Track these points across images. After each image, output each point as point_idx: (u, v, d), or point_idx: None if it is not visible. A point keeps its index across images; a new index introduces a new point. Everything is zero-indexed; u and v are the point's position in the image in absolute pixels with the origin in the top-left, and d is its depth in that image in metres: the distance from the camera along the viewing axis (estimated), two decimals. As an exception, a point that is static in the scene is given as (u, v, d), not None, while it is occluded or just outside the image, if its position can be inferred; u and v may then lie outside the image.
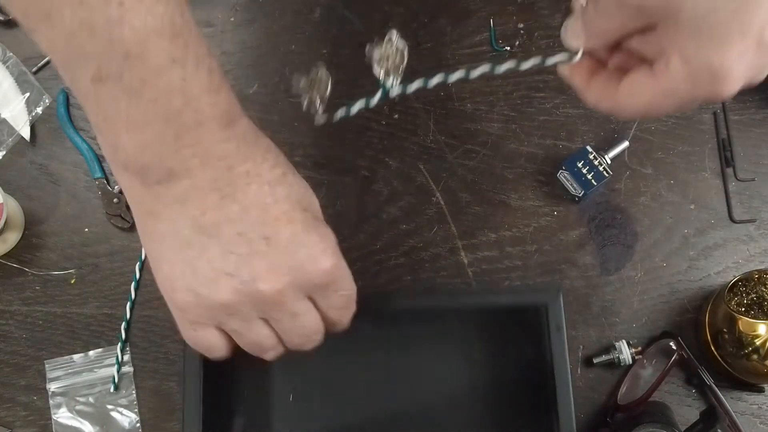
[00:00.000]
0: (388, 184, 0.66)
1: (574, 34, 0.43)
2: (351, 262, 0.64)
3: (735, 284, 0.59)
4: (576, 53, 0.43)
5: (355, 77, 0.68)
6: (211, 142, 0.39)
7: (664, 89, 0.39)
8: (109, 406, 0.63)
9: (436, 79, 0.49)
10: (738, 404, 0.62)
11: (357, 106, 0.50)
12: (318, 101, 0.51)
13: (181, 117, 0.37)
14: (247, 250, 0.40)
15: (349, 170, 0.66)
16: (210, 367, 0.55)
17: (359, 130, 0.67)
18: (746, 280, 0.60)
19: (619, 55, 0.43)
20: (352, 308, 0.46)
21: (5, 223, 0.62)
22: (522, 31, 0.68)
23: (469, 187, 0.66)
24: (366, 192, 0.66)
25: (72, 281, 0.65)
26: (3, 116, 0.67)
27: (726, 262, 0.64)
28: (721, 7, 0.36)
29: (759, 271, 0.60)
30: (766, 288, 0.59)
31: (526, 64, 0.46)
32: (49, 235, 0.66)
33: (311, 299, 0.43)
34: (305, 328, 0.44)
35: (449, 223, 0.65)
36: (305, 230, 0.42)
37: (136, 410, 0.63)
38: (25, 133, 0.67)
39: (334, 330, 0.46)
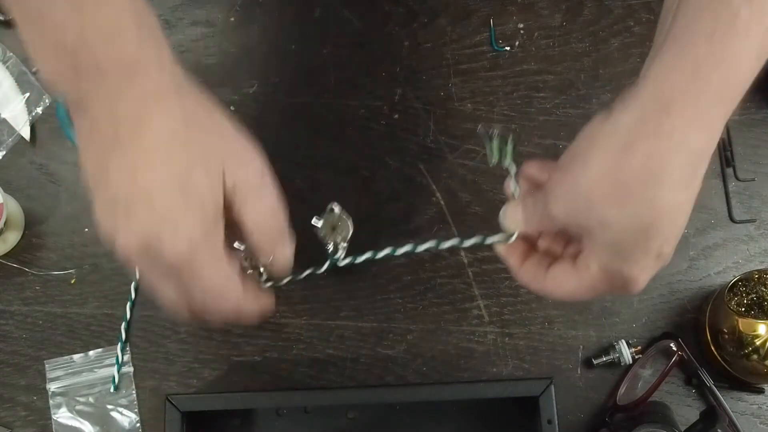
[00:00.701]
0: (388, 184, 0.66)
1: (511, 219, 0.49)
2: (351, 262, 0.64)
3: (735, 284, 0.59)
4: (512, 235, 0.49)
5: (356, 77, 0.68)
6: (107, 90, 0.40)
7: (585, 285, 0.46)
8: (109, 406, 0.63)
9: (384, 252, 0.53)
10: (738, 404, 0.62)
11: (306, 273, 0.53)
12: (341, 244, 0.54)
13: (77, 56, 0.39)
14: (112, 210, 0.42)
15: (349, 170, 0.66)
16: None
17: (359, 130, 0.67)
18: (746, 280, 0.60)
19: (547, 238, 0.49)
20: (219, 310, 0.46)
21: (5, 223, 0.62)
22: (522, 31, 0.68)
23: (469, 187, 0.66)
24: (366, 192, 0.66)
25: (72, 281, 0.65)
26: (3, 116, 0.67)
27: (726, 262, 0.64)
28: (625, 238, 0.43)
29: (759, 271, 0.60)
30: (766, 288, 0.59)
31: (468, 242, 0.50)
32: (49, 235, 0.66)
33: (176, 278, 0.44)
34: (162, 299, 0.45)
35: (449, 223, 0.65)
36: (169, 208, 0.42)
37: (136, 410, 0.63)
38: (25, 133, 0.67)
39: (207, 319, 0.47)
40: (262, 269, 0.50)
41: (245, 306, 0.47)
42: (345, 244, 0.56)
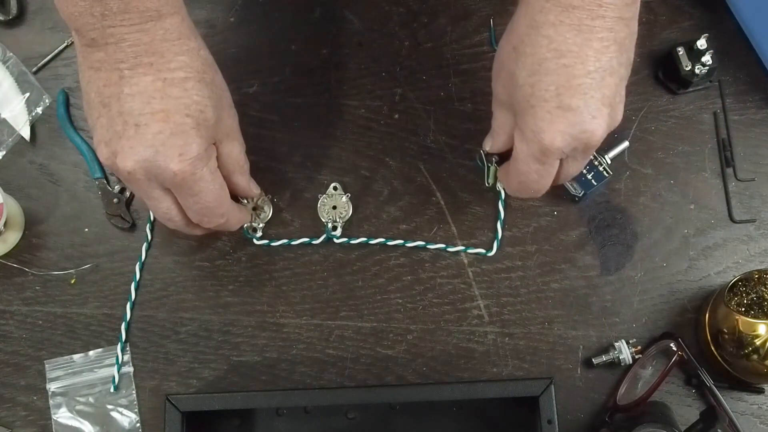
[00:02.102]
0: (388, 184, 0.66)
1: (487, 144, 0.59)
2: (351, 262, 0.64)
3: (735, 284, 0.59)
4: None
5: (355, 77, 0.68)
6: (129, 29, 0.46)
7: (519, 162, 0.52)
8: (109, 406, 0.63)
9: (377, 240, 0.64)
10: (738, 404, 0.62)
11: (300, 240, 0.64)
12: (339, 222, 0.64)
13: (107, 3, 0.45)
14: (120, 129, 0.48)
15: (349, 170, 0.66)
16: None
17: (359, 130, 0.67)
18: (746, 280, 0.60)
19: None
20: (213, 218, 0.54)
21: (5, 223, 0.62)
22: (522, 31, 0.68)
23: (469, 187, 0.66)
24: (366, 192, 0.66)
25: (72, 281, 0.65)
26: (3, 116, 0.67)
27: (726, 262, 0.64)
28: (526, 85, 0.48)
29: (759, 271, 0.60)
30: (766, 288, 0.59)
31: (454, 249, 0.64)
32: (49, 235, 0.66)
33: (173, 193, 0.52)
34: (158, 211, 0.54)
35: (449, 223, 0.65)
36: (174, 133, 0.48)
37: (136, 410, 0.63)
38: (25, 133, 0.67)
39: (203, 226, 0.55)
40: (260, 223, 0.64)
41: (232, 214, 0.57)
42: (342, 222, 0.64)
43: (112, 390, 0.63)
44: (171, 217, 0.54)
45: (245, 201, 0.62)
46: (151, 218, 0.65)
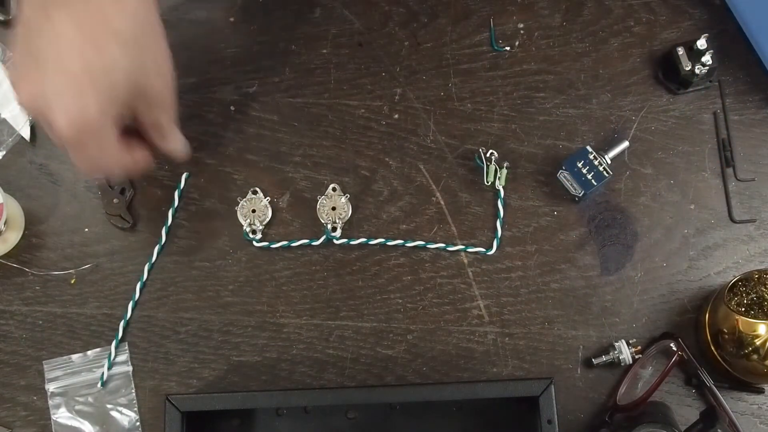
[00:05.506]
0: (388, 184, 0.66)
1: None
2: (350, 262, 0.64)
3: (735, 284, 0.59)
4: None
5: (356, 77, 0.68)
6: None
7: None
8: (109, 406, 0.63)
9: (377, 240, 0.64)
10: (738, 404, 0.62)
11: (300, 242, 0.64)
12: (339, 223, 0.64)
13: None
14: (26, 62, 0.49)
15: (349, 170, 0.66)
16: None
17: (359, 130, 0.67)
18: (746, 280, 0.60)
19: None
20: (106, 170, 0.54)
21: (5, 223, 0.62)
22: (522, 31, 0.68)
23: (469, 187, 0.66)
24: (366, 192, 0.66)
25: (72, 281, 0.65)
26: (3, 116, 0.67)
27: (726, 262, 0.64)
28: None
29: (759, 271, 0.60)
30: (766, 288, 0.59)
31: (453, 248, 0.64)
32: (49, 235, 0.66)
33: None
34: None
35: (449, 223, 0.65)
36: (66, 87, 0.47)
37: (135, 410, 0.63)
38: (25, 133, 0.67)
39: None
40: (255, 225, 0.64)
41: (131, 170, 0.55)
42: (342, 223, 0.64)
43: (99, 386, 0.62)
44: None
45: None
46: (168, 222, 0.65)
